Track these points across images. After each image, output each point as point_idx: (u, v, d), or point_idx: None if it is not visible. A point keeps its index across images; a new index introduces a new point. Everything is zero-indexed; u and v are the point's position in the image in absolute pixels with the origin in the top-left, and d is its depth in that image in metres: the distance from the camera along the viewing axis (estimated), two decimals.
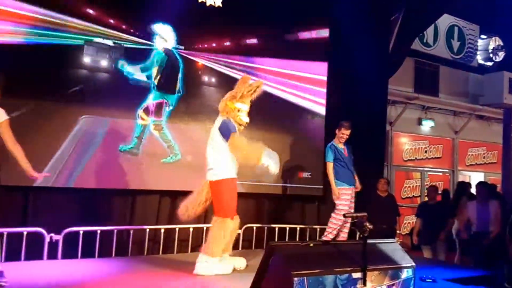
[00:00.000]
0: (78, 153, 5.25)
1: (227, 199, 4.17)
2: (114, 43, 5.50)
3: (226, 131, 4.13)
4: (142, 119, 5.68)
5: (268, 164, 4.06)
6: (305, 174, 6.82)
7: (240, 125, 4.31)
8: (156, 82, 5.80)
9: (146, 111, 5.74)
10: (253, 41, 6.61)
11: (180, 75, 5.98)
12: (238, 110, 4.26)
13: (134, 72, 5.64)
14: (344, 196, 5.68)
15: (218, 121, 4.27)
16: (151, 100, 5.77)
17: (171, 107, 5.91)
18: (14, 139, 3.74)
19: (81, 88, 5.30)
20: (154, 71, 5.80)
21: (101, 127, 5.44)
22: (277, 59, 6.72)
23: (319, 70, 7.04)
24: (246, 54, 6.50)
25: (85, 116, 5.32)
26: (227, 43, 6.42)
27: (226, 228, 4.12)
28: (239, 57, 6.43)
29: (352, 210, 5.67)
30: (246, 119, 4.33)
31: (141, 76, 5.70)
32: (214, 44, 6.28)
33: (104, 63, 5.49)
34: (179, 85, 5.96)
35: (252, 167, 4.20)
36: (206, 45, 6.21)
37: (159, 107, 5.83)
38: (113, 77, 5.57)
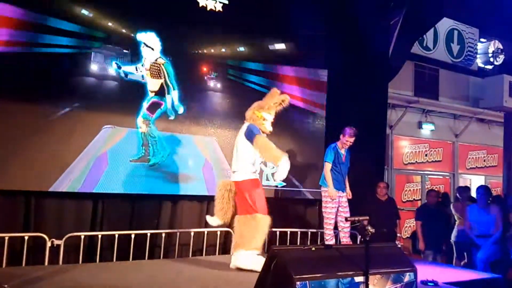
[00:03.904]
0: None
1: (253, 196, 4.41)
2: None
3: (250, 134, 4.40)
4: (140, 127, 5.73)
5: (282, 168, 4.21)
6: (306, 178, 6.81)
7: (263, 132, 4.54)
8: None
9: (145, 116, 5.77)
10: (253, 46, 6.61)
11: (168, 79, 5.95)
12: (264, 119, 4.56)
13: (131, 71, 5.69)
14: (329, 199, 5.75)
15: (243, 127, 4.55)
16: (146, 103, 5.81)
17: (163, 108, 5.90)
18: None
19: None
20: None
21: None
22: (277, 65, 6.74)
23: (319, 74, 7.05)
24: (245, 59, 6.52)
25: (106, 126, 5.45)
26: (228, 48, 6.44)
27: (258, 222, 4.35)
28: (241, 62, 6.48)
29: (348, 215, 5.72)
30: (269, 128, 4.64)
31: (137, 77, 5.73)
32: (216, 49, 6.31)
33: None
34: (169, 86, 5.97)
35: None
36: (212, 50, 6.26)
37: (154, 105, 5.84)
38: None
